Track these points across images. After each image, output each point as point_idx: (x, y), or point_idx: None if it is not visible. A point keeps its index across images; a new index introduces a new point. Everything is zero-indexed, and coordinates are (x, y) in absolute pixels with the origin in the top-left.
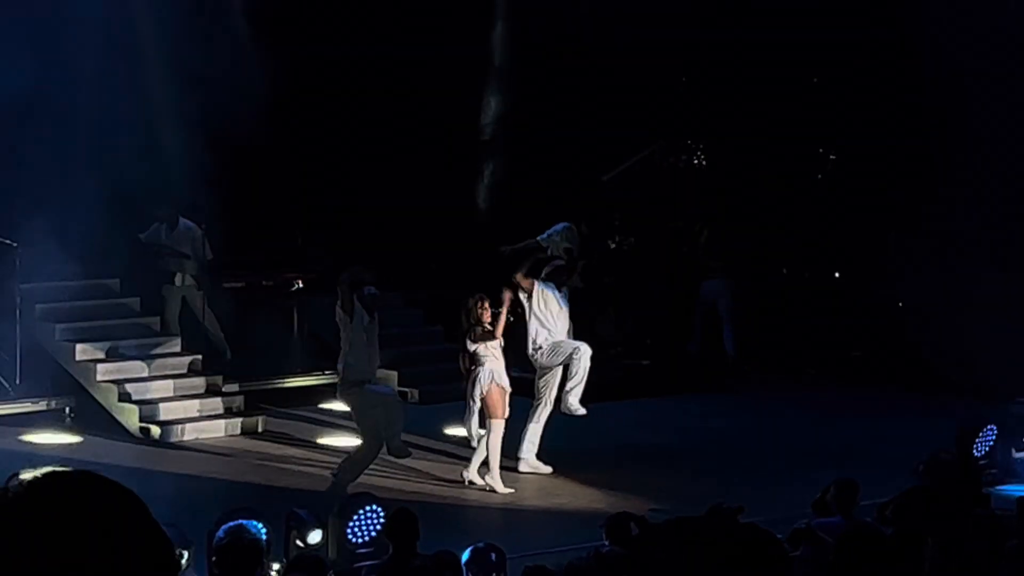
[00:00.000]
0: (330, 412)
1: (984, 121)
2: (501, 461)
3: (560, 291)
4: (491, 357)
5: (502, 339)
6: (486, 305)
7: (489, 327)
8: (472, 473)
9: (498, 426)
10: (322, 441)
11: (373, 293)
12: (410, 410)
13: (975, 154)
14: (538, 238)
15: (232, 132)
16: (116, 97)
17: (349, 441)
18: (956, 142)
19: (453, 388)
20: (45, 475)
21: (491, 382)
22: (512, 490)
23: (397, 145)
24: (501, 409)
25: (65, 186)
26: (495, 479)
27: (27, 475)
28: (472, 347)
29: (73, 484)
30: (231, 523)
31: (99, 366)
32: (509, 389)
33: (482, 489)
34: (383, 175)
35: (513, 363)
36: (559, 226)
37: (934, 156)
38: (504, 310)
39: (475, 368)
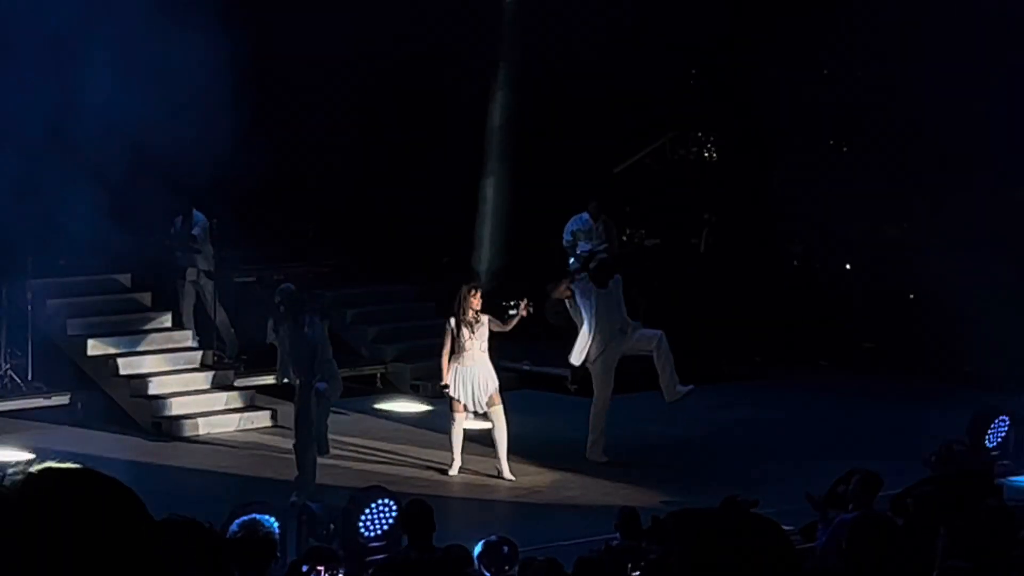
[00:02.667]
0: (341, 405)
1: (992, 112)
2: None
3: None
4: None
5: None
6: (477, 295)
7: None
8: (504, 468)
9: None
10: (333, 435)
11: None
12: (424, 403)
13: (987, 144)
14: (564, 242)
15: (242, 127)
16: (132, 87)
17: (360, 435)
18: (967, 132)
19: None
20: (40, 471)
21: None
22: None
23: (407, 139)
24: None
25: (74, 180)
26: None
27: (23, 470)
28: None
29: (67, 480)
30: (244, 517)
31: (111, 361)
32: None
33: (502, 480)
34: (394, 169)
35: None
36: (572, 225)
37: (946, 147)
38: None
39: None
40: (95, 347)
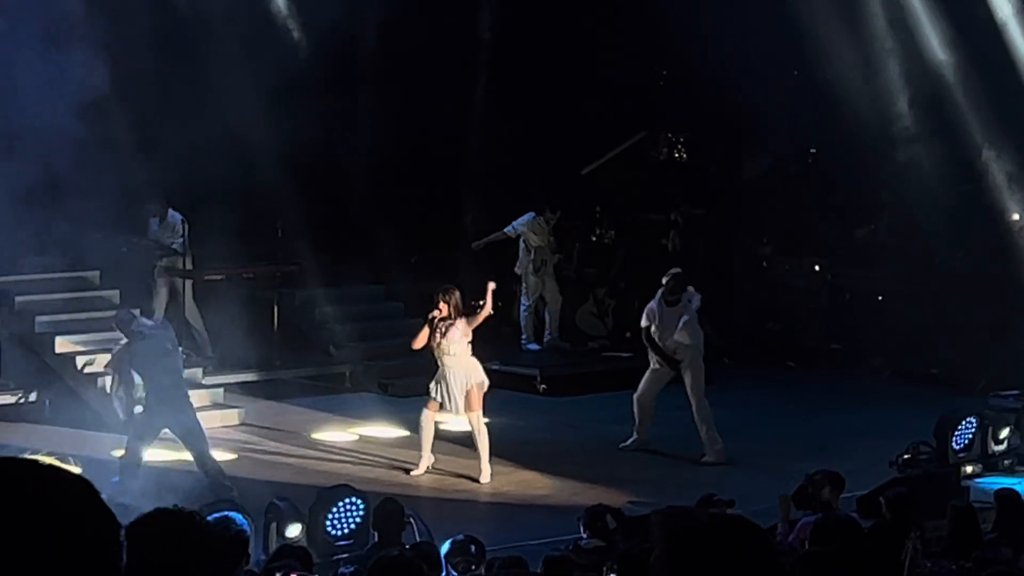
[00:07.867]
0: (310, 404)
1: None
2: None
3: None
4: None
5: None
6: (446, 298)
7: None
8: (483, 471)
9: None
10: (302, 433)
11: None
12: (392, 402)
13: (955, 147)
14: (505, 230)
15: (215, 125)
16: (103, 89)
17: (328, 433)
18: (930, 136)
19: None
20: None
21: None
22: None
23: (377, 138)
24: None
25: (46, 179)
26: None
27: None
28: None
29: (22, 472)
30: (216, 514)
31: (79, 358)
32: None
33: (472, 480)
34: (363, 168)
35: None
36: (525, 217)
37: (910, 150)
38: (487, 301)
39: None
40: (63, 344)
